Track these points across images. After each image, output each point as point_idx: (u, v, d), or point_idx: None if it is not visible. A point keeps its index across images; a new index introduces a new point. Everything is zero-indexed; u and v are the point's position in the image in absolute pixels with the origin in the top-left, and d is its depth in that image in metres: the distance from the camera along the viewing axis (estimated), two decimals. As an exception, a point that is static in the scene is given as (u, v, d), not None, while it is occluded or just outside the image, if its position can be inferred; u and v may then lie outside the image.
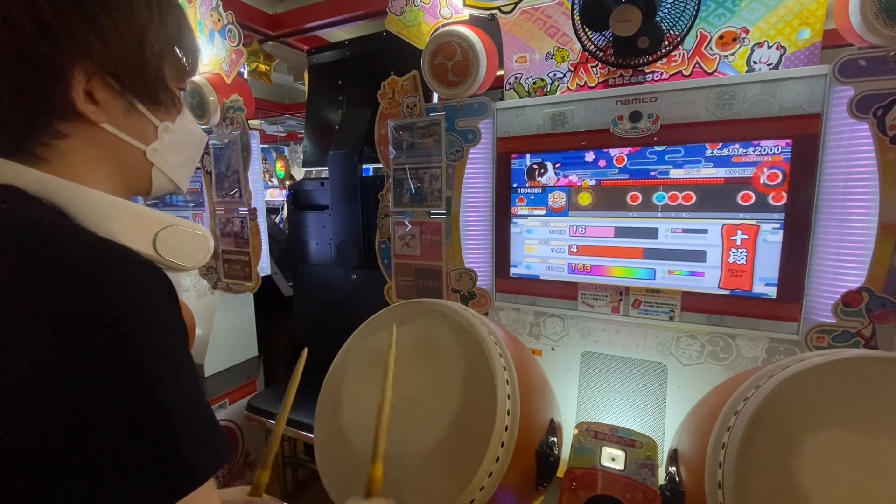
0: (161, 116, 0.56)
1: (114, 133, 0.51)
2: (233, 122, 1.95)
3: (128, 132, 0.52)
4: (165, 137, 0.56)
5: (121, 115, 0.51)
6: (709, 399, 1.01)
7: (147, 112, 0.54)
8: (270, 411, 1.89)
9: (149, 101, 0.53)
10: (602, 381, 1.42)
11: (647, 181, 1.31)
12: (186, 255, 0.53)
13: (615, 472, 1.01)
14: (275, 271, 2.36)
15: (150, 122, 0.54)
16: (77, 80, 0.46)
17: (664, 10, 1.19)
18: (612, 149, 1.34)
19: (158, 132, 0.56)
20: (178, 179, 0.61)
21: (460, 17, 1.51)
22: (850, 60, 1.06)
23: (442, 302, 1.08)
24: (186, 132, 0.60)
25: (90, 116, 0.48)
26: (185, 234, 0.53)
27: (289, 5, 2.80)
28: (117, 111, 0.51)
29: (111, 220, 0.47)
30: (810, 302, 1.18)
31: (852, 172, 1.09)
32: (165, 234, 0.51)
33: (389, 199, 1.69)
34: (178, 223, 0.53)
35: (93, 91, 0.48)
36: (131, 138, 0.53)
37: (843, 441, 0.67)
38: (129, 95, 0.51)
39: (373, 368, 1.01)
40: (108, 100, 0.49)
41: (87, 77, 0.47)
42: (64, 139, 0.48)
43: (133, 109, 0.52)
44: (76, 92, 0.46)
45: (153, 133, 0.55)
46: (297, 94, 5.73)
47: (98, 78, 0.48)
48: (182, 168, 0.61)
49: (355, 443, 0.92)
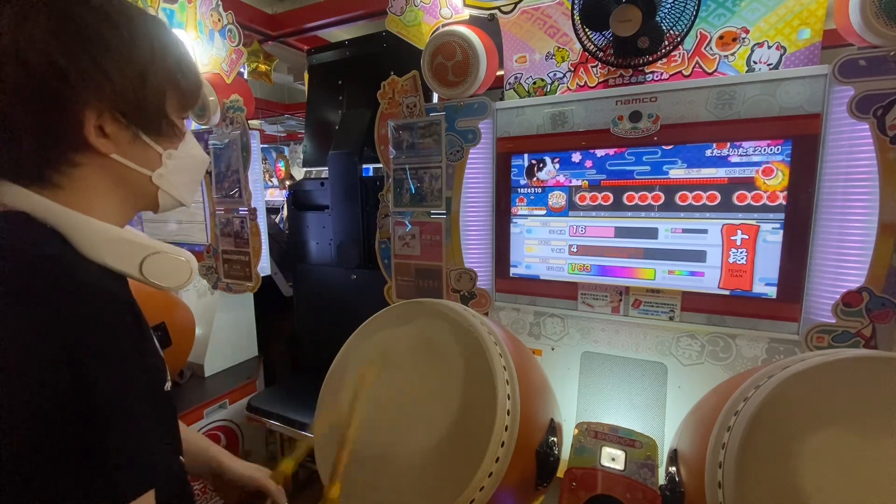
0: (165, 145, 0.61)
1: (122, 162, 0.57)
2: (233, 122, 1.95)
3: (134, 160, 0.58)
4: (169, 163, 0.62)
5: (128, 146, 0.57)
6: (709, 399, 1.01)
7: (151, 142, 0.59)
8: (270, 411, 1.89)
9: (152, 133, 0.59)
10: (602, 381, 1.42)
11: (647, 181, 1.31)
12: (170, 278, 0.60)
13: (615, 472, 1.01)
14: (275, 271, 2.36)
15: (154, 151, 0.60)
16: (88, 117, 0.52)
17: (664, 10, 1.19)
18: (612, 149, 1.34)
19: (163, 159, 0.61)
20: (181, 198, 0.66)
21: (460, 17, 1.51)
22: (850, 60, 1.06)
23: (442, 302, 1.08)
24: (189, 156, 0.65)
25: (100, 149, 0.54)
26: (169, 259, 0.60)
27: (289, 5, 2.81)
28: (124, 142, 0.56)
29: (102, 247, 0.53)
30: (810, 302, 1.18)
31: (852, 172, 1.09)
32: (151, 260, 0.57)
33: (389, 199, 1.69)
34: (164, 250, 0.59)
35: (103, 125, 0.53)
36: (138, 166, 0.59)
37: (843, 441, 0.67)
38: (135, 128, 0.57)
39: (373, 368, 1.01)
40: (116, 132, 0.55)
41: (97, 114, 0.52)
42: (77, 167, 0.54)
43: (138, 140, 0.58)
44: (88, 128, 0.52)
45: (158, 160, 0.61)
46: (297, 94, 5.73)
47: (107, 114, 0.53)
48: (185, 187, 0.66)
49: (355, 443, 0.92)
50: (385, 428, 0.91)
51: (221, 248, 2.08)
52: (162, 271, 0.59)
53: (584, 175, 1.39)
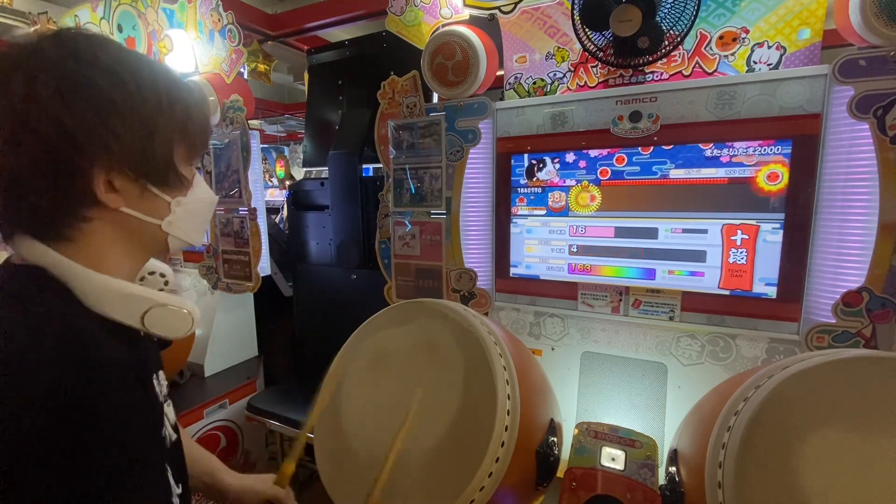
0: (173, 194, 0.62)
1: (132, 214, 0.58)
2: (233, 122, 1.95)
3: (144, 212, 0.59)
4: (178, 210, 0.63)
5: (136, 199, 0.58)
6: (709, 399, 1.01)
7: (160, 192, 0.60)
8: (270, 411, 1.89)
9: (161, 184, 0.60)
10: (602, 381, 1.42)
11: (647, 181, 1.31)
12: (171, 330, 0.61)
13: (615, 472, 1.01)
14: (275, 271, 2.36)
15: (163, 201, 0.61)
16: (97, 175, 0.53)
17: (664, 10, 1.19)
18: (612, 149, 1.34)
19: (171, 207, 0.62)
20: (191, 240, 0.68)
21: (460, 17, 1.51)
22: (850, 60, 1.06)
23: (442, 302, 1.08)
24: (197, 201, 0.66)
25: (110, 204, 0.55)
26: (171, 312, 0.60)
27: (289, 5, 2.80)
28: (133, 195, 0.58)
29: (105, 300, 0.55)
30: (810, 302, 1.18)
31: (852, 172, 1.09)
32: (153, 313, 0.58)
33: (389, 199, 1.69)
34: (167, 302, 0.60)
35: (112, 181, 0.55)
36: (147, 216, 0.60)
37: (843, 441, 0.67)
38: (143, 181, 0.58)
39: (373, 368, 1.01)
40: (125, 186, 0.56)
41: (105, 171, 0.54)
42: (89, 222, 0.56)
43: (147, 192, 0.59)
44: (97, 185, 0.53)
45: (167, 208, 0.62)
46: (297, 94, 5.73)
47: (116, 171, 0.55)
48: (195, 230, 0.68)
49: (355, 443, 0.92)
50: (385, 428, 0.91)
51: (221, 248, 2.08)
52: (163, 323, 0.60)
53: (584, 175, 1.39)
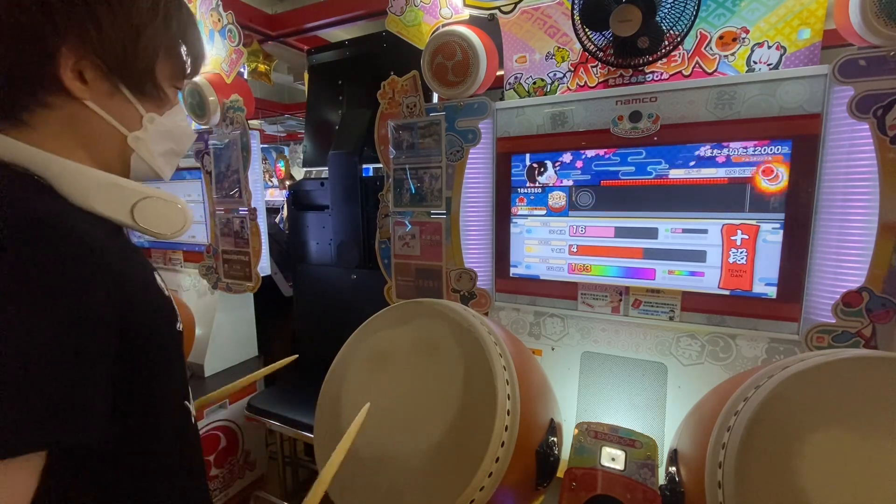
0: (148, 107, 0.58)
1: (97, 112, 0.53)
2: (233, 122, 1.94)
3: (111, 114, 0.55)
4: (150, 127, 0.58)
5: (106, 97, 0.54)
6: (709, 399, 1.01)
7: (133, 99, 0.56)
8: (270, 411, 1.89)
9: (135, 90, 0.56)
10: (602, 381, 1.42)
11: (647, 181, 1.31)
12: (164, 224, 0.57)
13: (615, 472, 1.01)
14: (275, 271, 2.36)
15: (135, 110, 0.57)
16: (66, 56, 0.49)
17: (664, 10, 1.19)
18: (612, 148, 1.34)
19: (143, 121, 0.58)
20: (158, 167, 0.62)
21: (460, 17, 1.51)
22: (850, 60, 1.06)
23: (442, 302, 1.08)
24: (174, 125, 0.61)
25: (75, 92, 0.51)
26: (163, 204, 0.56)
27: (289, 5, 2.81)
28: (102, 92, 0.53)
29: (89, 191, 0.50)
30: (810, 302, 1.18)
31: (852, 172, 1.08)
32: (143, 205, 0.54)
33: (389, 199, 1.69)
34: (158, 195, 0.56)
35: (83, 70, 0.51)
36: (114, 120, 0.55)
37: (843, 441, 0.67)
38: (115, 79, 0.53)
39: (373, 368, 1.01)
40: (95, 80, 0.52)
41: (76, 56, 0.50)
42: (49, 109, 0.51)
43: (119, 94, 0.54)
44: (64, 68, 0.49)
45: (137, 121, 0.57)
46: (297, 94, 5.73)
47: (87, 59, 0.50)
48: (164, 158, 0.62)
49: (355, 442, 0.92)
50: (385, 428, 0.91)
51: (221, 248, 2.08)
52: (155, 217, 0.55)
53: (584, 175, 1.39)
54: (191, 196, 2.23)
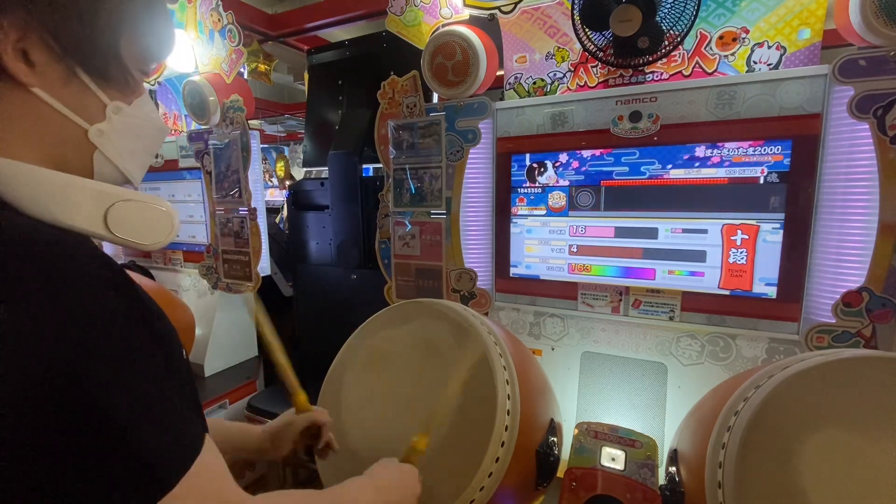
0: (112, 95, 0.48)
1: (48, 102, 0.44)
2: (233, 122, 1.94)
3: (66, 104, 0.45)
4: (115, 119, 0.48)
5: (59, 84, 0.44)
6: (709, 399, 1.01)
7: (93, 86, 0.46)
8: (270, 411, 1.89)
9: (96, 75, 0.46)
10: (602, 381, 1.42)
11: (647, 181, 1.31)
12: (145, 233, 0.46)
13: (615, 472, 1.01)
14: (275, 271, 2.36)
15: (96, 99, 0.47)
16: (5, 30, 0.40)
17: (664, 10, 1.19)
18: (612, 149, 1.34)
19: (107, 112, 0.48)
20: (126, 169, 0.52)
21: (460, 17, 1.51)
22: (850, 60, 1.06)
23: (442, 302, 1.08)
24: (143, 117, 0.52)
25: (20, 76, 0.41)
26: (143, 208, 0.46)
27: (289, 5, 2.80)
28: (54, 78, 0.44)
29: (49, 198, 0.40)
30: (810, 302, 1.18)
31: (852, 172, 1.08)
32: (119, 210, 0.44)
33: (389, 199, 1.69)
34: (135, 197, 0.45)
35: (28, 50, 0.41)
36: (70, 112, 0.45)
37: (843, 441, 0.67)
38: (71, 61, 0.44)
39: (373, 368, 1.01)
40: (45, 63, 0.43)
41: (19, 31, 0.40)
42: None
43: (75, 79, 0.45)
44: (3, 45, 0.40)
45: (100, 112, 0.48)
46: (297, 94, 5.73)
47: (35, 35, 0.41)
48: (134, 158, 0.52)
49: (355, 442, 0.92)
50: (384, 428, 0.91)
51: (221, 248, 2.08)
52: (135, 224, 0.45)
53: (584, 175, 1.39)
54: (191, 196, 2.23)
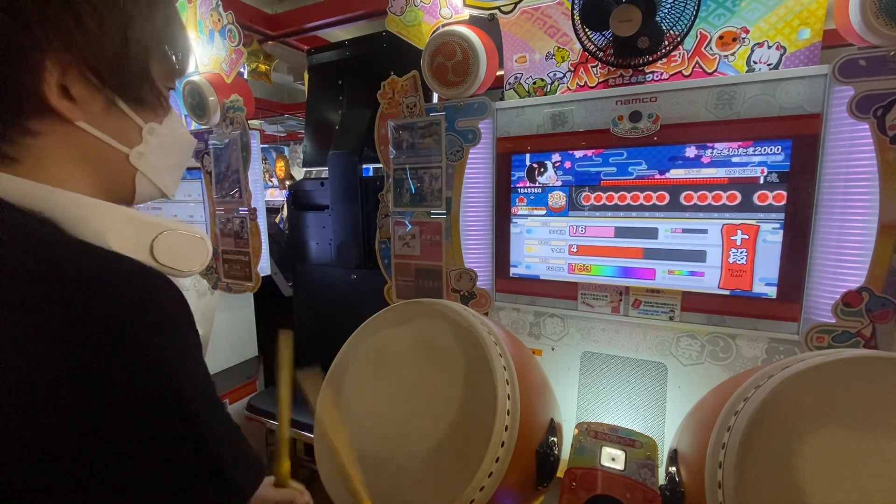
0: (146, 117, 0.51)
1: (92, 133, 0.47)
2: (233, 122, 1.94)
3: (108, 133, 0.48)
4: (151, 140, 0.52)
5: (100, 114, 0.47)
6: (709, 399, 1.01)
7: (130, 111, 0.49)
8: (270, 411, 1.89)
9: (132, 100, 0.49)
10: (602, 381, 1.42)
11: (647, 181, 1.31)
12: (185, 261, 0.50)
13: (615, 472, 1.01)
14: (275, 271, 2.36)
15: (133, 123, 0.50)
16: (50, 71, 0.42)
17: (664, 10, 1.19)
18: (613, 149, 1.34)
19: (143, 134, 0.51)
20: (164, 185, 0.56)
21: (460, 17, 1.51)
22: (850, 60, 1.06)
23: (442, 302, 1.08)
24: (174, 134, 0.55)
25: (65, 114, 0.44)
26: (182, 238, 0.49)
27: (289, 5, 2.81)
28: (96, 109, 0.46)
29: (104, 229, 0.43)
30: (810, 302, 1.18)
31: (852, 172, 1.08)
32: (162, 240, 0.47)
33: (389, 199, 1.69)
34: (175, 227, 0.49)
35: (68, 85, 0.43)
36: (112, 139, 0.48)
37: (843, 441, 0.67)
38: (110, 92, 0.47)
39: (373, 368, 1.01)
40: (85, 96, 0.45)
41: (61, 69, 0.42)
42: (36, 138, 0.44)
43: (114, 108, 0.48)
44: (48, 85, 0.42)
45: (137, 135, 0.51)
46: (297, 94, 5.73)
47: (74, 70, 0.43)
48: (169, 173, 0.56)
49: (355, 442, 0.92)
50: (385, 428, 0.91)
51: (221, 248, 2.08)
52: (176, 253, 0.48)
53: (584, 175, 1.39)
54: (191, 196, 2.23)
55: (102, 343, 0.35)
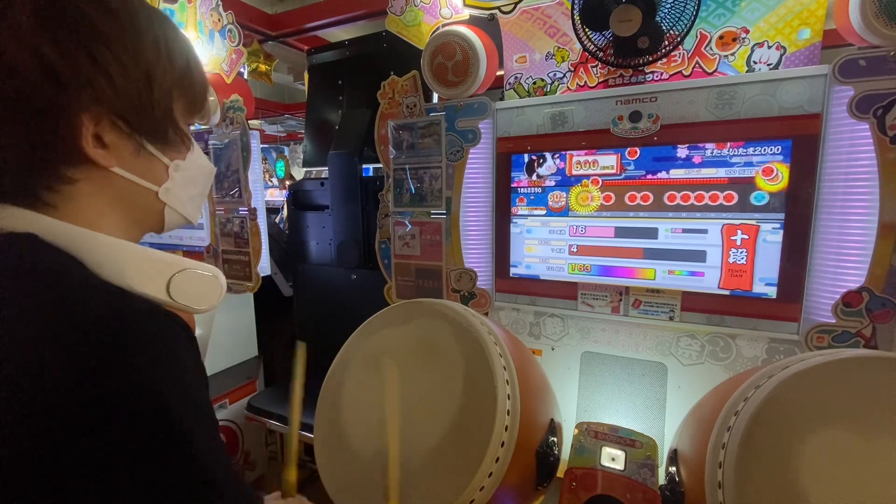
0: (171, 155, 0.55)
1: (125, 177, 0.50)
2: (233, 122, 1.95)
3: (138, 174, 0.52)
4: (176, 176, 0.55)
5: (130, 158, 0.50)
6: (709, 399, 1.01)
7: (157, 152, 0.53)
8: (270, 411, 1.89)
9: (159, 142, 0.53)
10: (602, 381, 1.42)
11: (647, 181, 1.31)
12: (200, 299, 0.53)
13: (615, 472, 1.01)
14: (275, 271, 2.36)
15: (160, 163, 0.54)
16: (85, 124, 0.45)
17: (664, 10, 1.19)
18: (612, 149, 1.34)
19: (169, 171, 0.55)
20: (189, 215, 0.60)
21: (460, 17, 1.51)
22: (850, 60, 1.06)
23: (442, 302, 1.08)
24: (196, 167, 0.59)
25: (100, 161, 0.47)
26: (197, 277, 0.52)
27: (289, 5, 2.81)
28: (127, 154, 0.50)
29: (124, 268, 0.46)
30: (810, 302, 1.18)
31: (852, 172, 1.08)
32: (178, 279, 0.50)
33: (389, 199, 1.69)
34: (190, 266, 0.52)
35: (101, 134, 0.47)
36: (142, 180, 0.52)
37: (843, 441, 0.67)
38: (139, 137, 0.50)
39: (372, 368, 1.01)
40: (117, 142, 0.48)
41: (95, 121, 0.46)
42: (72, 184, 0.47)
43: (143, 150, 0.51)
44: (84, 137, 0.45)
45: (164, 173, 0.54)
46: (297, 94, 5.73)
47: (106, 120, 0.47)
48: (193, 202, 0.60)
49: (355, 442, 0.92)
50: (385, 428, 0.91)
51: (221, 248, 2.08)
52: (191, 291, 0.51)
53: (584, 175, 1.39)
54: (191, 196, 2.22)
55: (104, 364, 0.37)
